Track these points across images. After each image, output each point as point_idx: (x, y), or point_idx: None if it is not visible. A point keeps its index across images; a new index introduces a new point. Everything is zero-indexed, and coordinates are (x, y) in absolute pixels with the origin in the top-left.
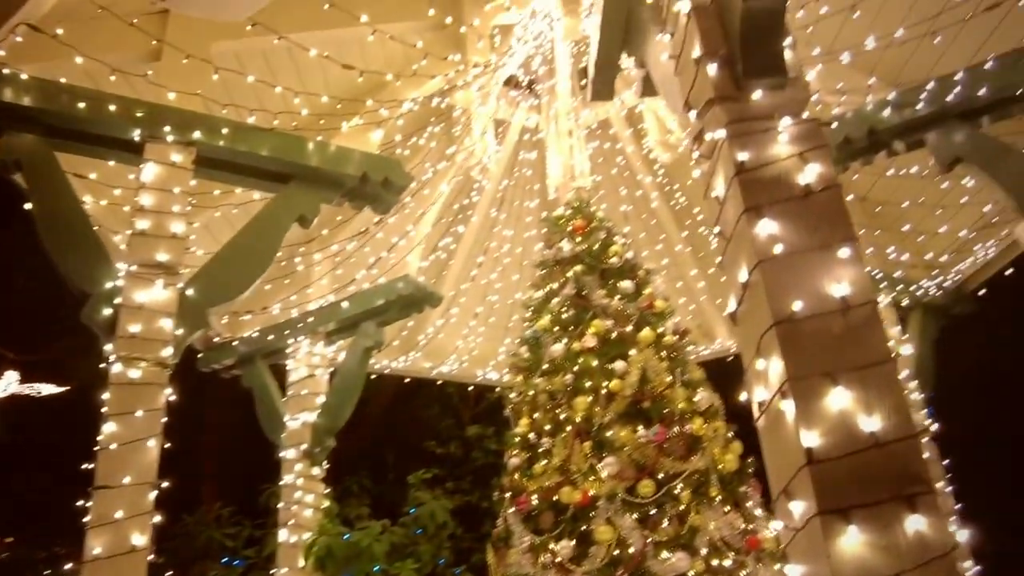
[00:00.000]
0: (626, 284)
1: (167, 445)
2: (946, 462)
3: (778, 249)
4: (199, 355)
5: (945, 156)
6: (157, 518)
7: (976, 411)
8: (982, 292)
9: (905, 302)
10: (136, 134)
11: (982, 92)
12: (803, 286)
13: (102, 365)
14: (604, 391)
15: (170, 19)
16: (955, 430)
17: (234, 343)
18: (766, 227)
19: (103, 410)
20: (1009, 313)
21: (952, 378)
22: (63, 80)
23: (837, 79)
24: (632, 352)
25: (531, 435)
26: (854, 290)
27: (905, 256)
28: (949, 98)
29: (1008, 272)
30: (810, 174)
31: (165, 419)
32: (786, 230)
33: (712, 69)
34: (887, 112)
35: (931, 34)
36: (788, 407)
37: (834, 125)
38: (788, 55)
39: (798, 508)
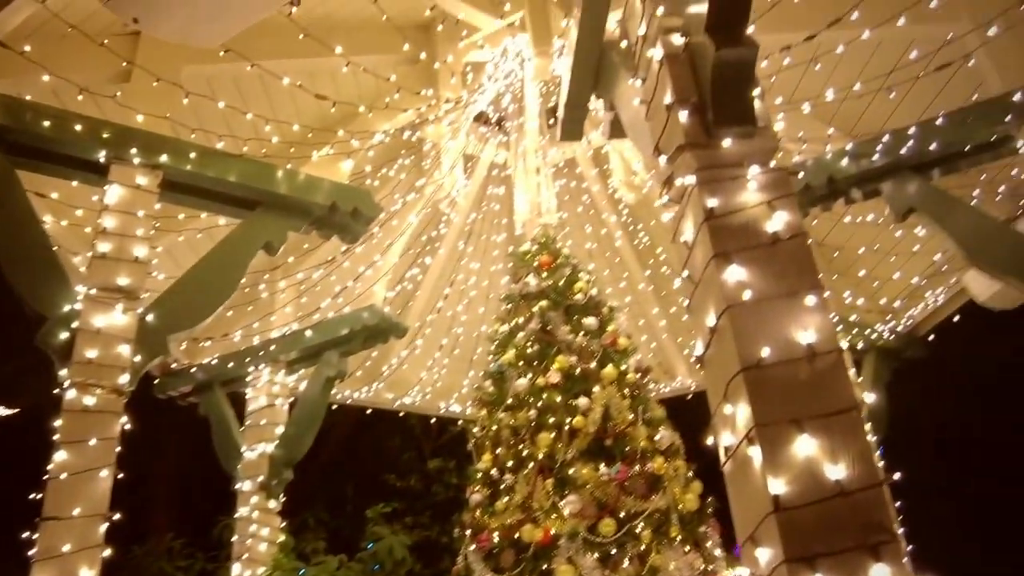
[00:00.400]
0: (590, 321)
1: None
2: (897, 504)
3: (747, 295)
4: (155, 381)
5: (899, 206)
6: (107, 551)
7: (923, 454)
8: (932, 337)
9: (860, 346)
10: (101, 155)
11: (933, 146)
12: (770, 333)
13: (55, 391)
14: (567, 427)
15: (141, 41)
16: (905, 473)
17: (192, 370)
18: (734, 273)
19: (54, 437)
20: (957, 358)
21: (899, 422)
22: (28, 97)
23: (798, 128)
24: (595, 389)
25: (493, 471)
26: (820, 338)
27: (860, 301)
28: (903, 151)
29: (956, 319)
30: (778, 222)
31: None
32: (754, 276)
33: (683, 116)
34: (845, 161)
35: (886, 89)
36: (755, 453)
37: (801, 175)
38: (757, 105)
39: (764, 555)
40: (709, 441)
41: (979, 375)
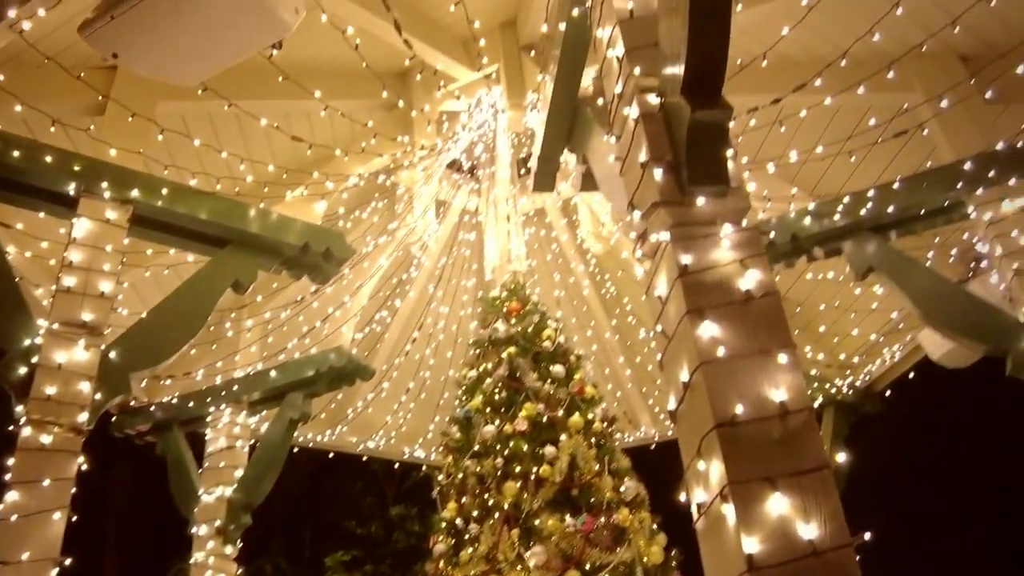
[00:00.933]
0: (558, 368)
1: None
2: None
3: (720, 352)
4: (112, 418)
5: (859, 265)
6: None
7: (878, 509)
8: (888, 393)
9: (819, 400)
10: (71, 188)
11: (891, 209)
12: (743, 390)
13: (10, 428)
14: (534, 476)
15: (117, 74)
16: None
17: (151, 408)
18: (708, 329)
19: (6, 477)
20: (912, 413)
21: (855, 477)
22: None
23: (763, 186)
24: (562, 437)
25: (458, 520)
26: (792, 396)
27: (821, 356)
28: (863, 212)
29: (911, 375)
30: (750, 280)
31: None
32: (727, 333)
33: (658, 174)
34: (808, 220)
35: (846, 152)
36: (729, 511)
37: (772, 234)
38: (730, 166)
39: None
40: (681, 497)
41: (933, 431)
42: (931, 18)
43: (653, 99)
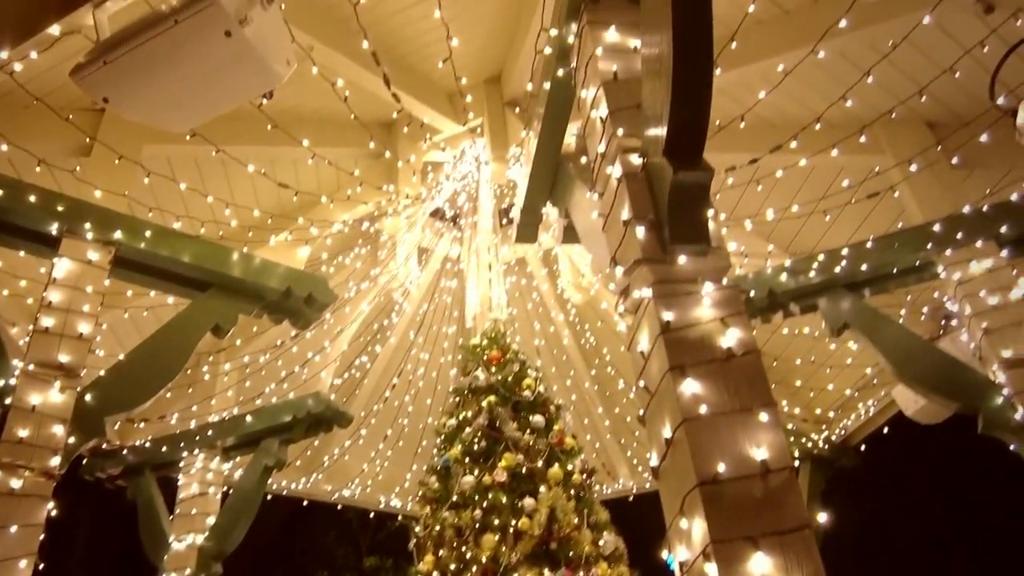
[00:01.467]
0: (538, 418)
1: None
2: None
3: (702, 409)
4: (83, 461)
5: (834, 321)
6: None
7: (856, 563)
8: (864, 447)
9: (796, 455)
10: (54, 228)
11: (864, 267)
12: (726, 448)
13: None
14: (512, 529)
15: (104, 117)
16: None
17: (123, 451)
18: (690, 386)
19: None
20: (887, 468)
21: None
22: None
23: (740, 242)
24: (542, 489)
25: (435, 573)
26: (773, 454)
27: (797, 410)
28: (837, 269)
29: (886, 430)
30: (731, 338)
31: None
32: (709, 391)
33: (640, 231)
34: (784, 277)
35: (821, 211)
36: (712, 571)
37: (752, 293)
38: (711, 225)
39: None
40: (664, 554)
41: (908, 486)
42: (900, 86)
43: (635, 159)
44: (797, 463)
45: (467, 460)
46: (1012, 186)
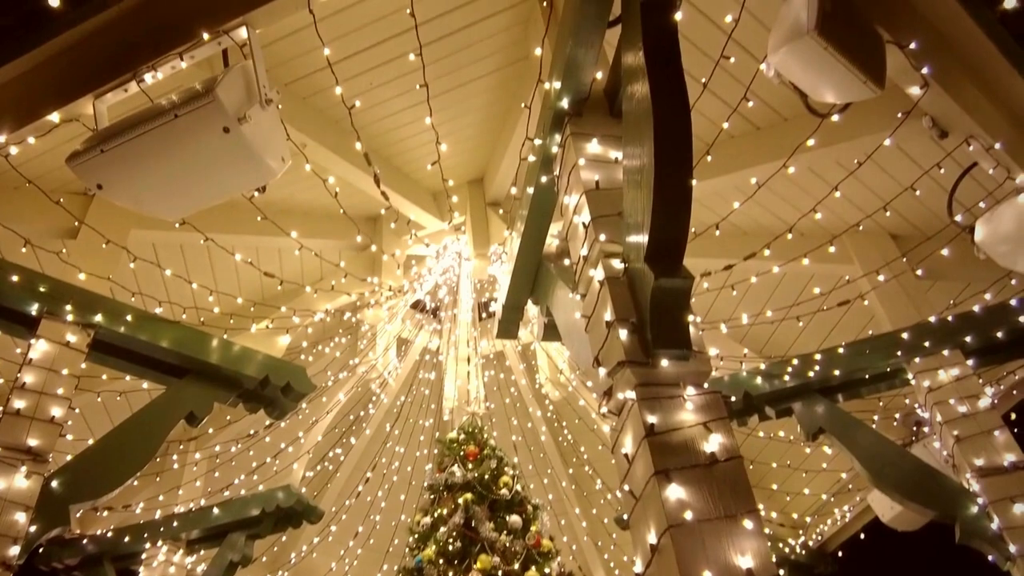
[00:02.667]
0: (515, 518)
1: None
2: None
3: (688, 516)
4: (39, 550)
5: (809, 426)
6: None
7: None
8: (841, 553)
9: (773, 559)
10: (34, 308)
11: (837, 372)
12: (711, 556)
13: None
14: None
15: (94, 201)
16: None
17: (83, 540)
18: (675, 492)
19: None
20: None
21: None
22: None
23: (715, 345)
24: None
25: None
26: (758, 563)
27: (774, 515)
28: (811, 374)
29: (863, 536)
30: (714, 443)
31: None
32: (693, 497)
33: (623, 334)
34: (759, 380)
35: (794, 317)
36: None
37: (733, 399)
38: (692, 331)
39: None
40: None
41: None
42: (865, 200)
43: (617, 264)
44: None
45: (441, 561)
46: (973, 298)
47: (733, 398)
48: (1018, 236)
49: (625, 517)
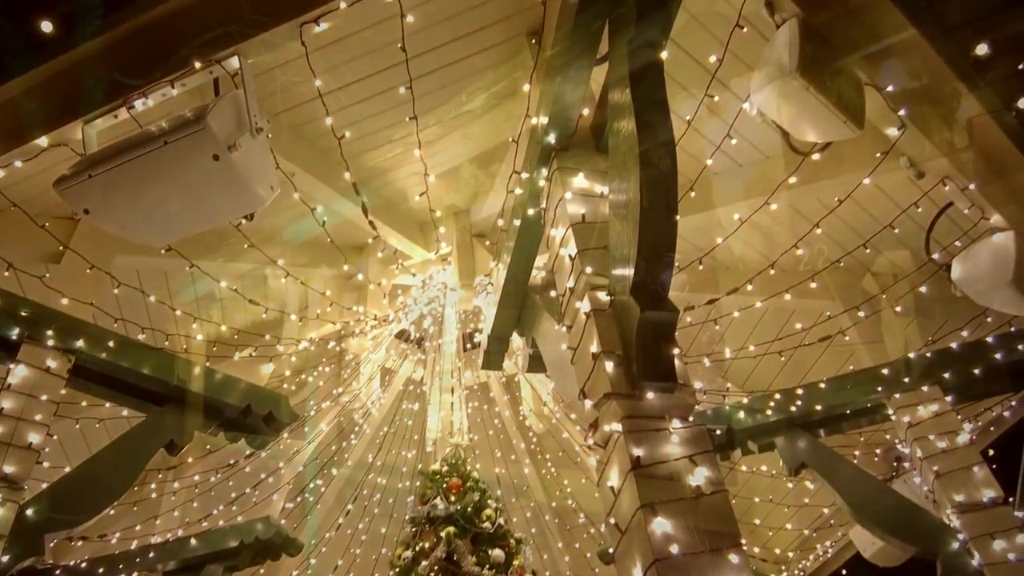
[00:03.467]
0: (497, 552)
1: None
2: None
3: (674, 549)
4: None
5: (792, 461)
6: None
7: None
8: None
9: None
10: (14, 333)
11: (819, 407)
12: None
13: None
14: None
15: (79, 225)
16: None
17: (56, 571)
18: (661, 526)
19: None
20: None
21: None
22: None
23: (697, 378)
24: None
25: None
26: None
27: (757, 550)
28: (793, 409)
29: (844, 572)
30: (699, 476)
31: None
32: (679, 530)
33: (609, 366)
34: (742, 415)
35: (776, 352)
36: None
37: (718, 432)
38: (677, 364)
39: None
40: None
41: None
42: (846, 238)
43: (603, 296)
44: None
45: None
46: (951, 335)
47: (717, 431)
48: (993, 275)
49: (610, 551)
